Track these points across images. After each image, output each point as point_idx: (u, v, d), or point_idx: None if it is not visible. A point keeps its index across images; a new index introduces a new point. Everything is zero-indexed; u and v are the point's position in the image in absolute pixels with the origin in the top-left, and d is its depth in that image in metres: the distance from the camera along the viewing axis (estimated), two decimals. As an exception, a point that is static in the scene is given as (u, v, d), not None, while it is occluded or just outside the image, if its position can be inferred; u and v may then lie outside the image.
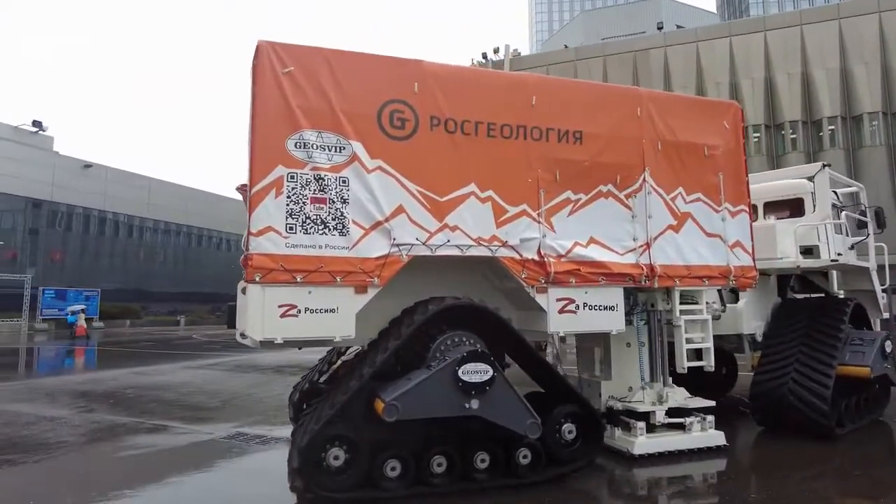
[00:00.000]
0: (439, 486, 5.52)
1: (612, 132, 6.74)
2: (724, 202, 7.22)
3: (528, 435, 5.47)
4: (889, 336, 8.41)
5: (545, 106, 6.49)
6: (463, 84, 6.25)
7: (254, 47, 5.66)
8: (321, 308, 5.50)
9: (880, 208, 10.04)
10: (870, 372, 7.72)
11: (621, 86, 7.15)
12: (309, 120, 5.65)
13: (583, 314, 6.39)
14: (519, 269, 6.17)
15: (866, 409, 8.70)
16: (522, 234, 6.23)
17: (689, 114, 7.25)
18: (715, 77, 32.52)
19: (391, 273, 5.73)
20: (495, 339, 5.96)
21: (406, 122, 5.96)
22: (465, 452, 5.65)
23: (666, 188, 6.95)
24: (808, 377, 7.71)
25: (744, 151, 7.48)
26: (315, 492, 5.17)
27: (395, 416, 5.11)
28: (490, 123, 6.25)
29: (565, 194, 6.50)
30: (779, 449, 7.38)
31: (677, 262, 6.88)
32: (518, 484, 5.72)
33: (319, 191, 5.62)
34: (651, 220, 6.80)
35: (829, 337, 8.09)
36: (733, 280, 7.16)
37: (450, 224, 5.98)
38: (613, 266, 6.52)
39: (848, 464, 6.89)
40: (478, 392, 5.31)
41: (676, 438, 6.92)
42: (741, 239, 7.27)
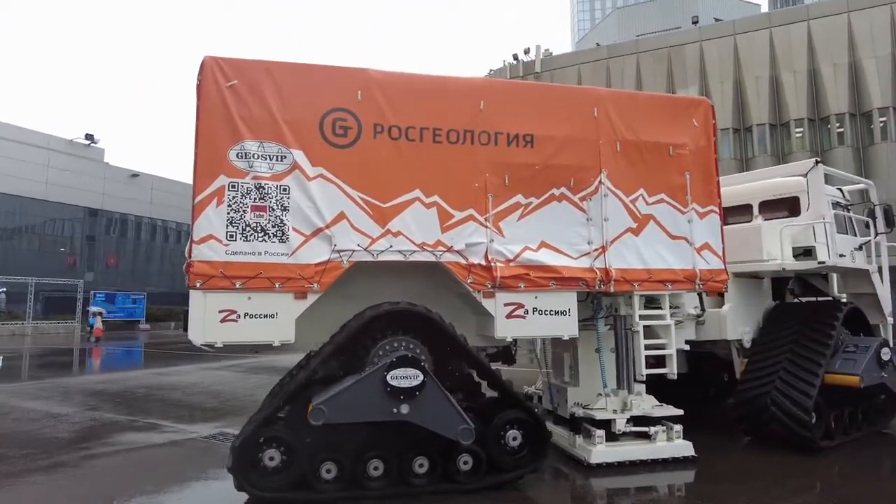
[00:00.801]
0: (375, 490, 5.57)
1: (566, 134, 6.61)
2: (692, 203, 6.94)
3: (460, 440, 5.44)
4: (886, 343, 7.86)
5: (494, 110, 6.44)
6: (409, 91, 6.28)
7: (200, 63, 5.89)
8: (260, 313, 5.66)
9: (889, 206, 9.40)
10: (859, 381, 7.24)
11: (577, 86, 7.05)
12: (251, 130, 5.83)
13: (532, 319, 6.29)
14: (464, 275, 6.15)
15: (866, 421, 8.17)
16: (468, 238, 6.20)
17: (654, 112, 7.02)
18: (754, 71, 31.09)
19: (331, 279, 5.83)
20: (436, 343, 5.96)
21: (348, 130, 6.06)
22: (404, 457, 5.67)
23: (625, 190, 6.75)
24: (792, 386, 7.32)
25: (714, 149, 7.16)
26: (249, 491, 5.32)
27: (321, 419, 5.19)
28: (436, 129, 6.26)
29: (515, 198, 6.43)
30: (755, 461, 7.03)
31: (637, 265, 6.67)
32: (456, 490, 5.71)
33: (260, 199, 5.78)
34: (607, 223, 6.62)
35: (818, 343, 7.65)
36: (700, 284, 6.87)
37: (392, 230, 6.02)
38: (564, 270, 6.39)
39: (827, 479, 6.51)
40: (407, 397, 5.32)
41: (638, 448, 6.71)
42: (710, 241, 6.97)
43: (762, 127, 30.61)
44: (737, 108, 31.33)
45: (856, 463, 7.02)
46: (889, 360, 7.80)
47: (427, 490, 5.64)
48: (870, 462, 7.20)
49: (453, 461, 5.78)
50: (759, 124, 30.66)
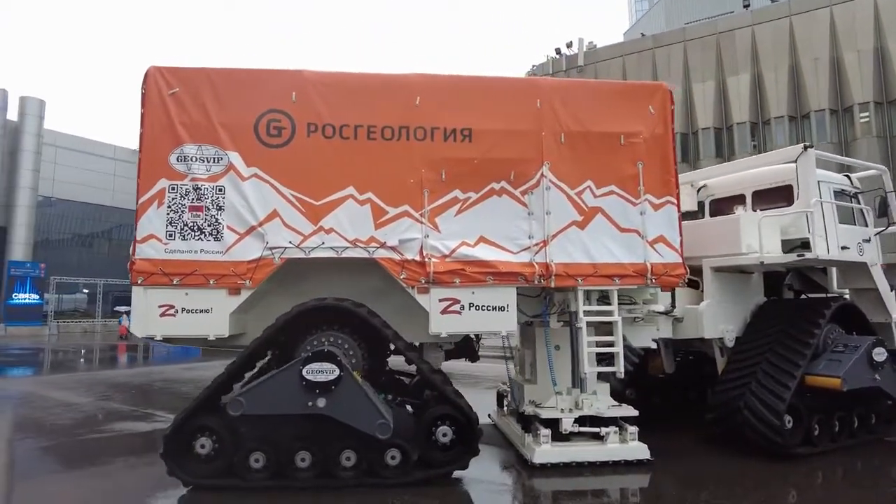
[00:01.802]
0: (301, 481, 5.69)
1: (506, 127, 6.49)
2: (645, 194, 6.62)
3: (377, 435, 5.46)
4: (879, 343, 7.16)
5: (431, 105, 6.42)
6: (343, 90, 6.38)
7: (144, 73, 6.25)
8: (196, 308, 5.94)
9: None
10: (840, 383, 6.64)
11: (519, 78, 6.83)
12: (190, 135, 6.13)
13: (469, 314, 6.22)
14: (398, 270, 6.17)
15: (863, 427, 7.48)
16: (402, 234, 6.22)
17: (604, 101, 6.74)
18: (812, 52, 28.93)
19: (263, 275, 6.02)
20: (367, 338, 6.03)
21: (283, 131, 6.23)
22: (331, 450, 5.77)
23: (570, 182, 6.53)
24: (767, 388, 6.83)
25: (672, 137, 6.79)
26: (179, 476, 5.59)
27: (239, 410, 5.38)
28: (371, 126, 6.33)
29: (453, 193, 6.38)
30: (717, 467, 6.62)
31: (581, 259, 6.44)
32: (382, 484, 5.73)
33: (197, 200, 6.06)
34: (549, 216, 6.43)
35: (798, 343, 7.09)
36: (653, 278, 6.54)
37: (325, 227, 6.14)
38: (502, 265, 6.27)
39: (784, 488, 6.00)
40: (323, 391, 5.42)
41: (587, 449, 6.48)
42: (665, 233, 6.61)
43: (821, 113, 28.46)
44: (792, 94, 29.32)
45: (829, 472, 6.44)
46: (884, 362, 7.11)
47: (352, 483, 5.71)
48: (846, 471, 6.58)
49: (381, 456, 5.82)
50: (817, 110, 28.53)
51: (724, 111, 31.18)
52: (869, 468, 6.77)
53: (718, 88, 31.35)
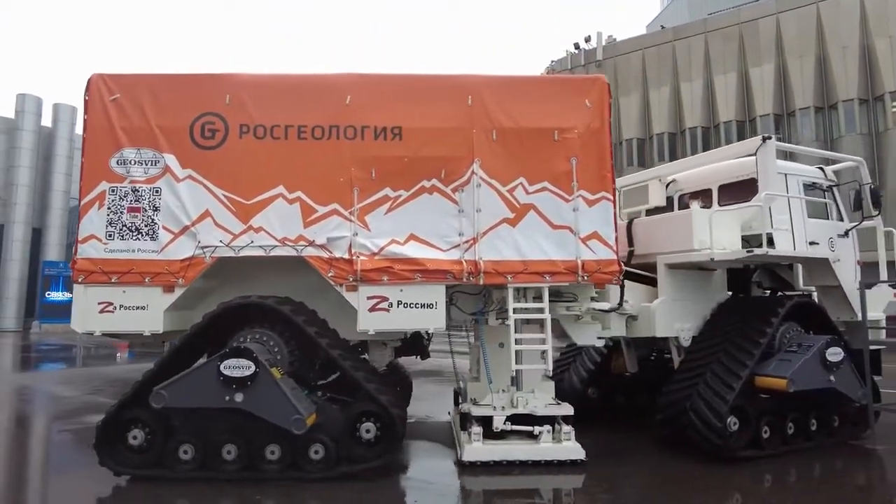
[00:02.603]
0: (227, 473, 5.86)
1: (437, 125, 6.49)
2: (579, 190, 6.51)
3: (292, 430, 5.57)
4: (834, 342, 6.83)
5: (361, 104, 6.49)
6: (274, 91, 6.52)
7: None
8: (133, 305, 6.19)
9: (874, 186, 8.14)
10: (787, 384, 6.39)
11: (451, 75, 6.76)
12: (130, 139, 6.38)
13: (397, 312, 6.27)
14: (325, 268, 6.27)
15: (823, 430, 7.17)
16: (331, 233, 6.31)
17: (538, 96, 6.67)
18: (840, 40, 27.66)
19: (195, 274, 6.22)
20: (295, 335, 6.15)
21: (216, 133, 6.42)
22: (256, 443, 5.91)
23: (502, 179, 6.49)
24: (712, 388, 6.63)
25: (609, 131, 6.65)
26: (110, 467, 5.84)
27: (161, 403, 5.59)
28: (301, 126, 6.44)
29: (383, 191, 6.43)
30: (660, 469, 6.48)
31: (512, 257, 6.39)
32: (305, 478, 5.84)
33: (135, 201, 6.31)
34: (480, 213, 6.41)
35: (748, 342, 6.87)
36: (585, 276, 6.43)
37: (255, 226, 6.30)
38: (430, 263, 6.29)
39: (736, 493, 5.82)
40: (240, 386, 5.56)
41: (519, 448, 6.43)
42: (600, 230, 6.49)
43: (850, 103, 27.22)
44: (819, 83, 28.14)
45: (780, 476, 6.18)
46: (840, 362, 6.79)
47: (274, 476, 5.84)
48: (801, 475, 6.33)
49: (305, 450, 5.93)
50: (846, 100, 27.30)
51: (747, 103, 30.18)
52: (830, 472, 6.49)
53: (741, 80, 30.37)
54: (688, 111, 31.77)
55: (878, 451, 7.02)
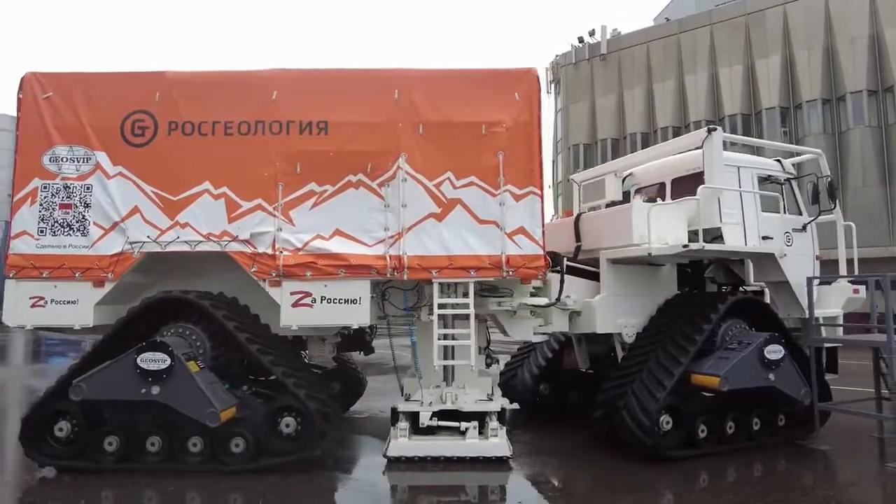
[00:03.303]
0: (150, 464, 5.95)
1: (363, 119, 6.48)
2: (506, 185, 6.44)
3: (207, 423, 5.62)
4: (774, 340, 6.65)
5: (287, 99, 6.51)
6: (203, 88, 6.57)
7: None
8: (64, 299, 6.31)
9: (830, 178, 7.88)
10: (719, 382, 6.24)
11: (378, 69, 6.72)
12: (62, 137, 6.49)
13: (321, 307, 6.28)
14: (249, 263, 6.32)
15: (766, 430, 7.00)
16: (255, 228, 6.35)
17: (466, 89, 6.60)
18: (849, 31, 26.79)
19: (123, 269, 6.32)
20: (215, 330, 6.20)
21: (146, 130, 6.50)
22: (179, 435, 5.99)
23: (428, 174, 6.45)
24: (646, 386, 6.51)
25: (538, 125, 6.56)
26: (35, 458, 5.97)
27: (80, 395, 5.70)
28: (228, 122, 6.49)
29: (309, 186, 6.45)
30: (581, 469, 6.37)
31: (437, 252, 6.35)
32: (223, 471, 5.90)
33: (67, 198, 6.43)
34: (406, 208, 6.38)
35: (685, 339, 6.72)
36: (510, 271, 6.36)
37: (181, 221, 6.37)
38: (353, 258, 6.29)
39: (667, 493, 5.71)
40: (156, 379, 5.64)
41: (444, 444, 6.41)
42: (527, 225, 6.41)
43: (858, 95, 26.37)
44: (827, 75, 27.33)
45: (699, 475, 6.04)
46: (781, 360, 6.61)
47: (194, 468, 5.91)
48: (740, 475, 6.16)
49: (226, 443, 5.99)
50: (854, 92, 26.46)
51: (753, 96, 29.49)
52: (772, 472, 6.30)
53: (747, 72, 29.66)
54: (692, 105, 31.15)
55: (820, 452, 6.81)
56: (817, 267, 8.17)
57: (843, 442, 7.20)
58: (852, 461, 6.61)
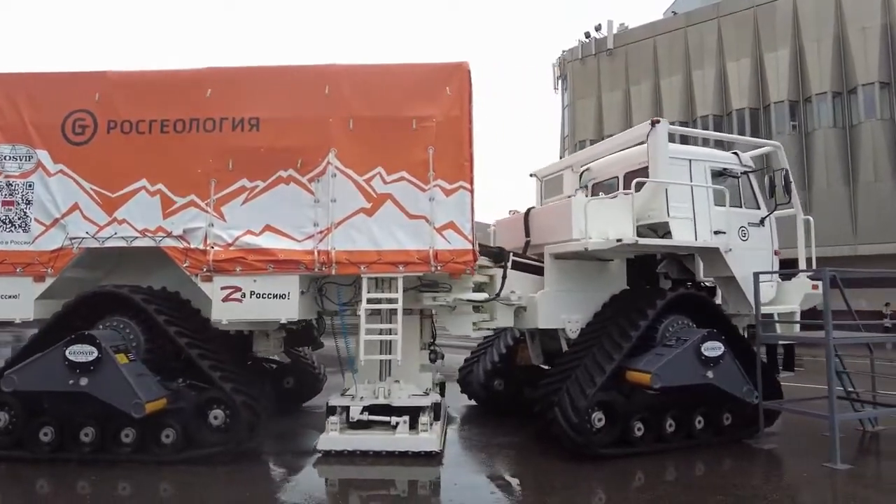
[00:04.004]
0: (82, 454, 6.10)
1: (294, 115, 6.54)
2: (436, 180, 6.42)
3: (132, 413, 5.74)
4: (713, 336, 6.49)
5: (221, 96, 6.60)
6: (141, 87, 6.70)
7: None
8: (5, 294, 6.52)
9: (785, 171, 7.66)
10: (650, 379, 6.13)
11: (310, 65, 6.74)
12: (5, 135, 6.70)
13: (250, 302, 6.36)
14: (181, 259, 6.43)
15: (709, 428, 6.84)
16: (188, 224, 6.47)
17: (398, 84, 6.60)
18: (860, 21, 25.96)
19: (63, 264, 6.50)
20: (150, 324, 6.32)
21: (86, 129, 6.66)
22: (112, 426, 6.12)
23: (358, 169, 6.48)
24: (579, 382, 6.44)
25: (469, 119, 6.52)
26: None
27: (11, 387, 5.88)
28: (164, 120, 6.61)
29: (240, 182, 6.53)
30: (510, 467, 6.32)
31: (367, 247, 6.38)
32: (152, 460, 6.03)
33: (9, 195, 6.63)
34: (335, 204, 6.42)
35: (621, 335, 6.63)
36: (438, 266, 6.35)
37: (119, 218, 6.52)
38: (281, 253, 6.35)
39: (598, 491, 5.64)
40: (83, 371, 5.78)
41: (372, 438, 6.43)
42: (456, 219, 6.38)
43: (871, 87, 25.57)
44: (837, 67, 26.54)
45: (627, 474, 5.93)
46: (720, 357, 6.46)
47: (125, 458, 6.05)
48: (680, 475, 6.04)
49: (157, 434, 6.11)
50: (866, 84, 25.66)
51: (761, 90, 28.80)
52: (716, 472, 6.13)
53: (755, 66, 28.98)
54: (700, 100, 30.57)
55: (764, 451, 6.63)
56: (776, 262, 7.97)
57: (792, 441, 7.03)
58: (791, 460, 6.44)
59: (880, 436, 7.29)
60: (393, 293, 6.43)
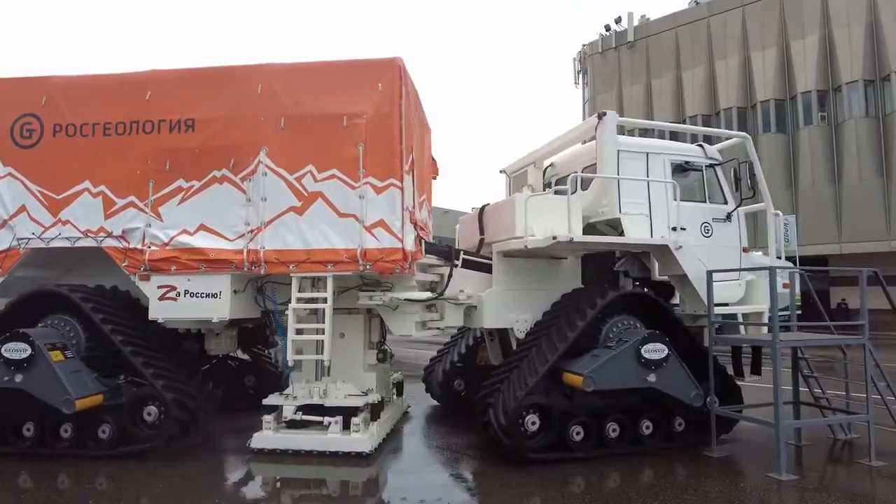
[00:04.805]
0: (20, 448, 6.28)
1: (228, 115, 6.57)
2: (367, 177, 6.34)
3: (62, 409, 5.88)
4: (654, 339, 6.17)
5: (160, 99, 6.69)
6: (85, 91, 6.85)
7: None
8: (-44, 293, 6.77)
9: (750, 164, 7.25)
10: (582, 381, 5.89)
11: (243, 65, 6.73)
12: None
13: (184, 301, 6.44)
14: (121, 258, 6.55)
15: (657, 434, 6.53)
16: (127, 224, 6.59)
17: (330, 81, 6.54)
18: (894, 4, 24.54)
19: (11, 264, 6.72)
20: (89, 322, 6.46)
21: (33, 132, 6.86)
22: (51, 422, 6.28)
23: (289, 167, 6.45)
24: (514, 384, 6.26)
25: (399, 116, 6.40)
26: None
27: (-48, 383, 6.09)
28: (106, 123, 6.74)
29: (177, 183, 6.60)
30: (439, 470, 6.16)
31: (296, 246, 6.35)
32: (89, 455, 6.16)
33: (-40, 198, 6.87)
34: (265, 202, 6.42)
35: (558, 336, 6.41)
36: (367, 265, 6.26)
37: (63, 219, 6.69)
38: (212, 252, 6.39)
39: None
40: (17, 368, 5.95)
41: (305, 437, 6.40)
42: (386, 217, 6.28)
43: (905, 74, 24.13)
44: (870, 53, 25.15)
45: (560, 483, 5.67)
46: (663, 360, 6.15)
47: (63, 452, 6.20)
48: (624, 481, 5.78)
49: (95, 429, 6.26)
50: (900, 70, 24.23)
51: (788, 80, 27.56)
52: (636, 482, 5.79)
53: (781, 55, 27.76)
54: (723, 92, 29.49)
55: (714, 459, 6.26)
56: (745, 259, 7.57)
57: (750, 449, 6.64)
58: (736, 469, 6.05)
59: (853, 445, 6.81)
60: (323, 292, 6.38)
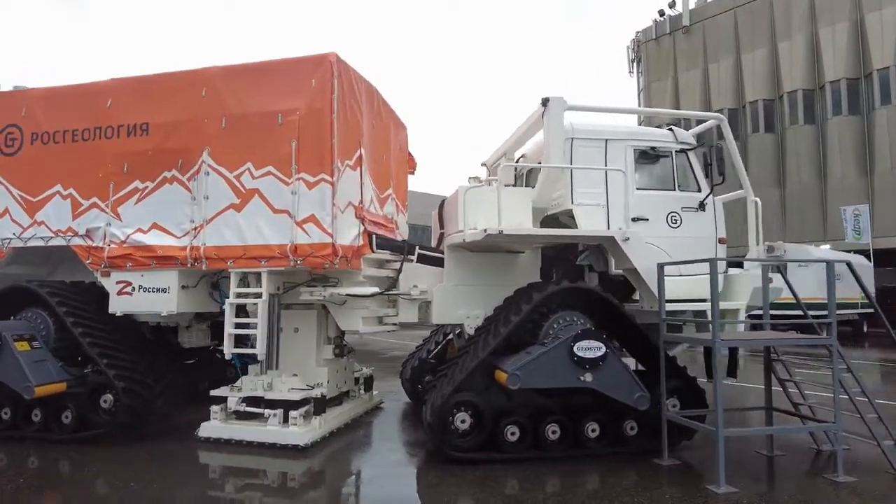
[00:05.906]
0: (0, 432, 6.86)
1: (176, 118, 6.85)
2: (299, 173, 6.39)
3: (24, 395, 6.35)
4: (588, 336, 5.77)
5: (119, 105, 7.09)
6: (58, 100, 7.38)
7: None
8: (-54, 291, 7.46)
9: (719, 147, 6.62)
10: (506, 379, 5.60)
11: (189, 70, 6.91)
12: None
13: (139, 296, 6.79)
14: (85, 256, 7.00)
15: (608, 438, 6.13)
16: (91, 224, 7.03)
17: (268, 80, 6.64)
18: None
19: (-6, 261, 7.35)
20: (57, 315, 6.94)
21: (15, 141, 7.47)
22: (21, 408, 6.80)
23: (229, 166, 6.63)
24: (444, 382, 6.10)
25: (331, 111, 6.37)
26: None
27: (-60, 370, 6.73)
28: (74, 130, 7.23)
29: (133, 184, 6.97)
30: (376, 465, 6.09)
31: (234, 242, 6.52)
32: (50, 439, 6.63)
33: (-50, 202, 7.57)
34: (207, 200, 6.63)
35: (491, 333, 6.19)
36: (298, 260, 6.30)
37: (38, 220, 7.25)
38: (160, 249, 6.69)
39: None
40: (-15, 358, 6.49)
41: (246, 429, 6.55)
42: (317, 213, 6.29)
43: None
44: None
45: (478, 485, 5.44)
46: (599, 359, 5.75)
47: (31, 435, 6.71)
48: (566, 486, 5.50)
49: (58, 415, 6.73)
50: None
51: (863, 56, 25.08)
52: (578, 492, 5.47)
53: (854, 30, 25.32)
54: (786, 74, 27.29)
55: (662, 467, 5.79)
56: (722, 251, 6.97)
57: (704, 457, 6.07)
58: (675, 480, 5.50)
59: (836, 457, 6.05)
60: (258, 287, 6.51)
